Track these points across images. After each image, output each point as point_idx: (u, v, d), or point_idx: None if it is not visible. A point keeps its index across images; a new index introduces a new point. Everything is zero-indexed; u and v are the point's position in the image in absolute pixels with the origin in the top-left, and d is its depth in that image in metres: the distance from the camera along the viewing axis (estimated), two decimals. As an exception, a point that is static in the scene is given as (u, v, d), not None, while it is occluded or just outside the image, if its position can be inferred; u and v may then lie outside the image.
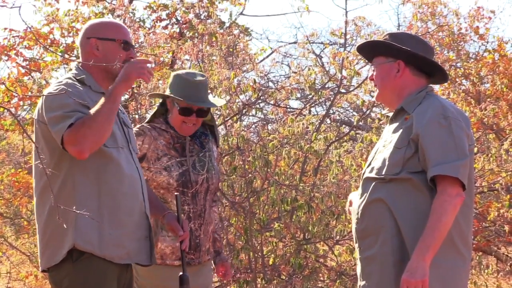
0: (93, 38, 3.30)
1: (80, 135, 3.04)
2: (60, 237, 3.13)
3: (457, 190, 3.08)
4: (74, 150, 3.06)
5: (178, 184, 3.94)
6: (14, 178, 8.79)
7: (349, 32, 7.64)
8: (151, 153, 3.97)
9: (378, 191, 3.20)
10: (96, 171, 3.17)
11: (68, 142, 3.05)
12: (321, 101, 8.23)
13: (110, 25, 3.38)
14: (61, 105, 3.09)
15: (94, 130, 3.06)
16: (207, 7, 8.26)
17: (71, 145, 3.05)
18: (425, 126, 3.14)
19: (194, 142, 4.06)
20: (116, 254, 3.19)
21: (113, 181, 3.20)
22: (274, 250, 6.58)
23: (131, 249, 3.25)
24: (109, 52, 3.29)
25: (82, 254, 3.13)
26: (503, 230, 7.84)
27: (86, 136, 3.04)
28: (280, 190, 6.34)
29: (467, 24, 9.78)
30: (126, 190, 3.24)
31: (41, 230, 3.21)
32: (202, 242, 4.02)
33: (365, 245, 3.25)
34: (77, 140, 3.04)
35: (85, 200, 3.13)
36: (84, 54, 3.32)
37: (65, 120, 3.06)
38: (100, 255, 3.14)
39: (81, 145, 3.05)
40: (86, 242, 3.12)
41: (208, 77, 6.46)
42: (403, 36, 3.38)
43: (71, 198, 3.12)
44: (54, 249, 3.16)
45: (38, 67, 8.59)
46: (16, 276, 9.09)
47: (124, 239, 3.21)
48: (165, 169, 3.96)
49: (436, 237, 3.04)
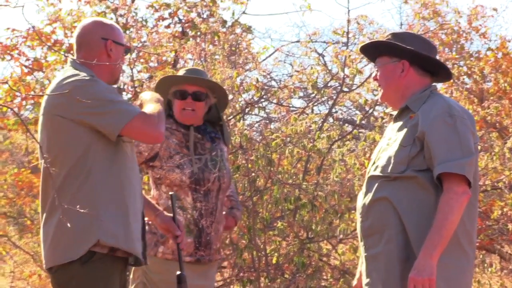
0: (110, 40, 3.30)
1: (157, 120, 3.15)
2: (80, 232, 3.07)
3: (463, 188, 3.09)
4: (153, 134, 3.16)
5: (191, 181, 3.98)
6: (17, 178, 8.80)
7: (351, 30, 7.61)
8: (164, 152, 4.01)
9: (383, 190, 3.21)
10: (117, 165, 3.17)
11: (145, 124, 3.13)
12: (324, 100, 8.22)
13: (119, 30, 3.41)
14: (111, 92, 3.15)
15: (163, 118, 3.20)
16: (210, 6, 8.26)
17: (150, 127, 3.14)
18: (431, 124, 3.15)
19: (206, 139, 4.10)
20: (138, 248, 3.19)
21: (131, 175, 3.22)
22: (278, 249, 6.58)
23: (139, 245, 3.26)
24: (119, 56, 3.33)
25: (91, 256, 3.10)
26: (507, 228, 7.83)
27: (162, 124, 3.18)
28: (283, 189, 6.34)
29: (467, 23, 9.77)
30: (138, 187, 3.27)
31: (55, 225, 3.10)
32: (212, 240, 4.03)
33: (370, 243, 3.25)
34: (157, 124, 3.15)
35: (111, 194, 3.13)
36: (94, 53, 3.28)
37: (129, 106, 3.14)
38: (126, 249, 3.13)
39: (161, 128, 3.17)
40: (110, 237, 3.09)
41: (210, 76, 6.47)
42: (406, 35, 3.38)
43: (95, 194, 3.10)
44: (71, 244, 3.08)
45: (41, 66, 8.60)
46: (20, 275, 9.11)
47: (138, 234, 3.23)
48: (177, 166, 3.99)
49: (443, 236, 3.04)
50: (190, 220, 3.98)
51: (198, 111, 4.10)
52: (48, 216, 3.17)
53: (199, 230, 3.99)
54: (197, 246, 3.98)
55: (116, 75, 3.32)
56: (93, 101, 3.07)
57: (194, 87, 4.07)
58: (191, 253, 3.97)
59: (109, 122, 3.09)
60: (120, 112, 3.10)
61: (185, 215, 3.97)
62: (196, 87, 4.08)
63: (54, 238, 3.13)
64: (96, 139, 3.14)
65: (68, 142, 3.12)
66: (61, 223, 3.04)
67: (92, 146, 3.12)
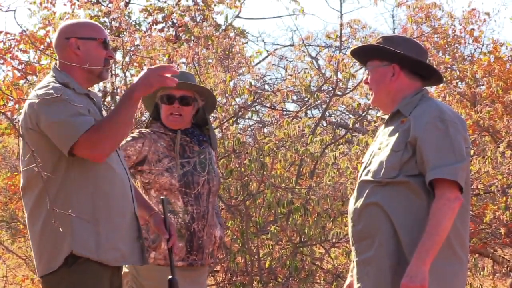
0: (73, 37, 3.25)
1: (99, 138, 3.02)
2: (56, 244, 3.10)
3: (455, 193, 3.09)
4: (92, 155, 3.05)
5: (181, 185, 3.96)
6: (10, 182, 8.78)
7: (344, 34, 7.63)
8: (152, 155, 3.99)
9: (375, 195, 3.20)
10: (89, 174, 3.14)
11: (84, 146, 3.02)
12: (317, 104, 8.24)
13: (89, 24, 3.35)
14: (62, 110, 3.05)
15: (114, 134, 3.05)
16: (203, 10, 8.27)
17: (88, 149, 3.03)
18: (423, 129, 3.14)
19: (194, 142, 4.09)
20: (112, 257, 3.17)
21: (105, 183, 3.17)
22: (271, 253, 6.58)
23: (125, 250, 3.23)
24: (91, 51, 3.25)
25: (77, 258, 3.11)
26: (499, 232, 7.85)
27: (105, 140, 3.03)
28: (276, 193, 6.34)
29: (462, 26, 9.79)
30: (118, 191, 3.22)
31: (37, 237, 3.16)
32: (205, 244, 4.02)
33: (361, 248, 3.24)
34: (96, 144, 3.02)
35: (80, 205, 3.11)
36: (64, 54, 3.26)
37: (76, 125, 3.03)
38: (97, 259, 3.12)
39: (101, 149, 3.04)
40: (83, 248, 3.09)
41: (204, 80, 6.46)
42: (397, 39, 3.38)
43: (67, 204, 3.08)
44: (50, 256, 3.12)
45: (33, 70, 8.58)
46: (13, 280, 9.07)
47: (118, 241, 3.19)
48: (166, 170, 3.97)
49: (436, 241, 3.04)
50: (182, 224, 3.96)
51: (185, 115, 4.08)
52: (31, 228, 3.21)
53: (191, 234, 3.97)
54: (189, 250, 3.97)
55: (94, 71, 3.24)
56: (47, 115, 3.05)
57: (181, 91, 4.04)
58: (183, 257, 3.95)
59: (63, 139, 3.06)
60: (67, 131, 3.04)
61: (176, 219, 3.95)
62: (183, 91, 4.05)
63: (37, 249, 3.18)
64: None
65: (42, 153, 3.08)
66: (41, 234, 3.13)
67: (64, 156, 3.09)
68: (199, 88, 4.15)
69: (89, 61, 3.19)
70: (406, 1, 8.14)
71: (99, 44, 3.28)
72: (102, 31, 3.33)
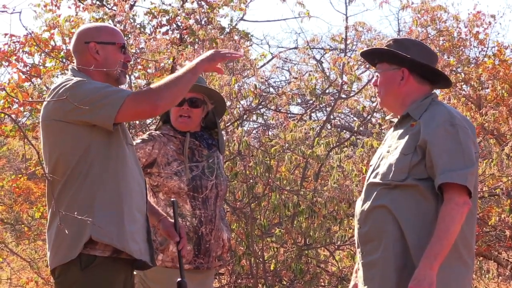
0: (92, 42, 3.28)
1: (153, 93, 3.08)
2: (77, 232, 3.08)
3: (464, 198, 3.09)
4: (147, 108, 3.08)
5: (189, 189, 3.96)
6: (14, 184, 8.80)
7: (349, 37, 7.65)
8: (161, 158, 4.00)
9: (383, 197, 3.20)
10: (115, 167, 3.16)
11: (136, 103, 3.06)
12: (322, 107, 8.25)
13: (108, 29, 3.38)
14: (97, 86, 3.11)
15: (172, 90, 3.11)
16: (208, 12, 8.28)
17: (143, 103, 3.07)
18: (433, 133, 3.14)
19: (203, 145, 4.09)
20: (134, 248, 3.17)
21: (129, 178, 3.20)
22: (275, 256, 6.58)
23: (142, 247, 3.24)
24: (110, 55, 3.29)
25: (92, 261, 3.10)
26: (504, 235, 7.85)
27: (163, 93, 3.08)
28: (282, 196, 6.34)
29: (467, 29, 9.80)
30: (137, 188, 3.24)
31: (56, 228, 3.13)
32: (212, 248, 4.02)
33: (367, 250, 3.24)
34: (150, 99, 3.07)
35: (107, 195, 3.12)
36: (83, 58, 3.30)
37: (117, 91, 3.09)
38: (119, 247, 3.11)
39: (159, 101, 3.08)
40: (103, 235, 3.08)
41: (208, 82, 6.47)
42: (407, 42, 3.37)
43: (92, 193, 3.10)
44: (70, 243, 3.10)
45: (38, 73, 8.60)
46: (17, 282, 9.08)
47: (137, 236, 3.20)
48: (175, 174, 3.98)
49: (444, 246, 3.04)
50: (190, 227, 3.96)
51: (194, 117, 4.08)
52: (51, 221, 3.21)
53: (198, 237, 3.97)
54: (196, 253, 3.97)
55: (112, 74, 3.28)
56: (84, 99, 3.08)
57: (190, 93, 4.03)
58: (190, 260, 3.95)
59: (102, 114, 3.09)
60: (110, 102, 3.09)
61: (184, 222, 3.95)
62: (192, 93, 4.05)
63: (55, 241, 3.16)
64: (95, 138, 3.14)
65: (68, 143, 3.13)
66: (62, 225, 3.09)
67: (92, 146, 3.12)
68: (208, 91, 4.15)
69: (107, 65, 3.23)
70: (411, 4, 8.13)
71: (118, 49, 3.31)
72: (120, 36, 3.37)
